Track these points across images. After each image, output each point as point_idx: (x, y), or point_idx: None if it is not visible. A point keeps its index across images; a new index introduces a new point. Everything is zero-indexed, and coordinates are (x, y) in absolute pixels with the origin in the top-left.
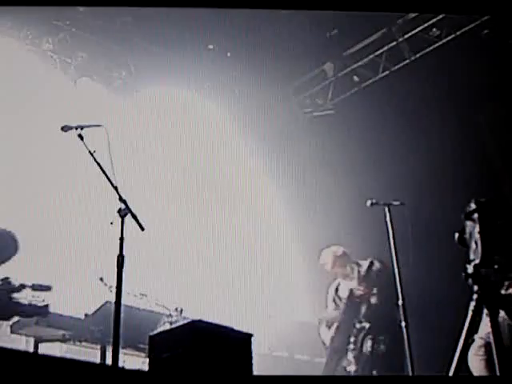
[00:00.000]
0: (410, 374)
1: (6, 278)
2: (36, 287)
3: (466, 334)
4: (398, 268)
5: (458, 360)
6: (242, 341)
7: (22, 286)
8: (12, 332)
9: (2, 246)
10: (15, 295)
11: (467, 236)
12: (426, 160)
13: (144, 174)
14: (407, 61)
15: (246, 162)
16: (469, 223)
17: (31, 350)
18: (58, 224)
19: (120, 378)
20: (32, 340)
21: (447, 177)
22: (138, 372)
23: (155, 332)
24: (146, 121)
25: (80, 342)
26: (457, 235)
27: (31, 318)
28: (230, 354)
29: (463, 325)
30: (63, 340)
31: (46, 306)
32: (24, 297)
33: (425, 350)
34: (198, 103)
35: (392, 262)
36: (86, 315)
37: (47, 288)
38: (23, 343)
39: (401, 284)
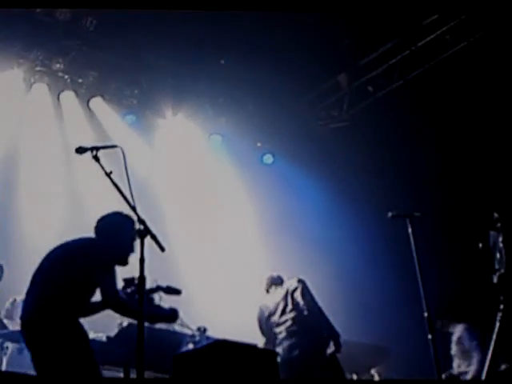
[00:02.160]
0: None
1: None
2: (169, 290)
3: (495, 345)
4: (422, 281)
5: (489, 369)
6: (267, 358)
7: (158, 288)
8: None
9: None
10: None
11: (491, 246)
12: (443, 169)
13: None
14: (421, 69)
15: (261, 176)
16: (492, 233)
17: None
18: None
19: None
20: None
21: (468, 185)
22: None
23: (179, 352)
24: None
25: (102, 364)
26: (481, 245)
27: None
28: (255, 372)
29: (491, 336)
30: None
31: (175, 310)
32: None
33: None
34: (211, 118)
35: (416, 274)
36: (108, 337)
37: (178, 292)
38: None
39: (425, 296)
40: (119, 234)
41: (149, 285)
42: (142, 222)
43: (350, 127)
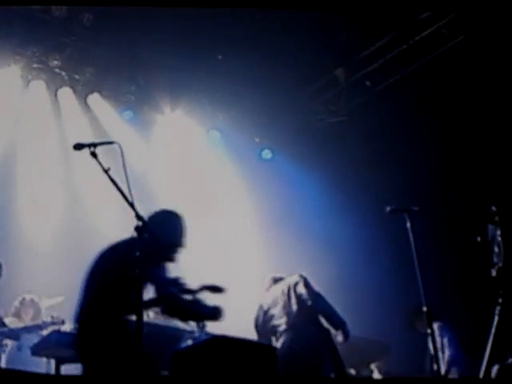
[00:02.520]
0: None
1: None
2: (214, 288)
3: (494, 338)
4: (421, 275)
5: (487, 363)
6: (266, 354)
7: (203, 288)
8: (33, 354)
9: None
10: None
11: (489, 239)
12: (442, 163)
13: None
14: (418, 63)
15: (259, 172)
16: (490, 227)
17: (53, 371)
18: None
19: None
20: (53, 361)
21: (466, 180)
22: None
23: (178, 348)
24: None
25: None
26: (479, 239)
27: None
28: (254, 367)
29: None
30: None
31: (219, 308)
32: None
33: None
34: (208, 113)
35: (415, 268)
36: None
37: (222, 290)
38: (44, 365)
39: (424, 291)
40: (166, 230)
41: (195, 284)
42: (140, 218)
43: (348, 122)
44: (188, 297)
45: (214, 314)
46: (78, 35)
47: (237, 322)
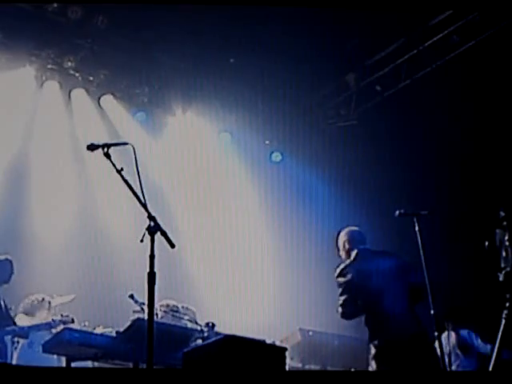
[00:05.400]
0: None
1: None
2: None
3: (500, 342)
4: (429, 278)
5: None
6: (276, 355)
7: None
8: (44, 351)
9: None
10: None
11: (497, 244)
12: (451, 167)
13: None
14: (429, 68)
15: (269, 174)
16: (499, 231)
17: None
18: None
19: None
20: (64, 359)
21: (474, 184)
22: None
23: (188, 348)
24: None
25: (112, 359)
26: (487, 243)
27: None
28: (264, 368)
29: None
30: (95, 358)
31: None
32: None
33: None
34: (219, 116)
35: (424, 271)
36: (117, 332)
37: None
38: (55, 362)
39: (432, 294)
40: None
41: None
42: (152, 218)
43: (358, 126)
44: None
45: None
46: (93, 37)
47: (245, 320)
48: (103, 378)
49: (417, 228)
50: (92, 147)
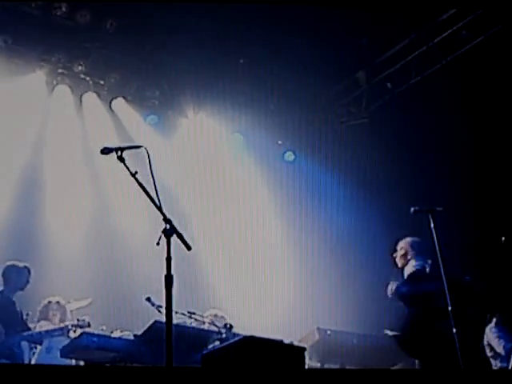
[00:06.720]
0: None
1: None
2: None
3: None
4: (446, 275)
5: None
6: (295, 355)
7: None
8: (62, 356)
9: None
10: None
11: None
12: (465, 164)
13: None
14: (439, 65)
15: (282, 173)
16: None
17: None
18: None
19: None
20: (82, 363)
21: (490, 180)
22: None
23: (207, 350)
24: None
25: (131, 363)
26: (503, 239)
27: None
28: (283, 368)
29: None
30: (114, 362)
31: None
32: None
33: None
34: (231, 117)
35: (440, 268)
36: (135, 336)
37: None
38: None
39: (449, 291)
40: None
41: None
42: (168, 221)
43: (370, 124)
44: None
45: None
46: (102, 41)
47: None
48: (122, 376)
49: (432, 225)
50: (106, 151)
